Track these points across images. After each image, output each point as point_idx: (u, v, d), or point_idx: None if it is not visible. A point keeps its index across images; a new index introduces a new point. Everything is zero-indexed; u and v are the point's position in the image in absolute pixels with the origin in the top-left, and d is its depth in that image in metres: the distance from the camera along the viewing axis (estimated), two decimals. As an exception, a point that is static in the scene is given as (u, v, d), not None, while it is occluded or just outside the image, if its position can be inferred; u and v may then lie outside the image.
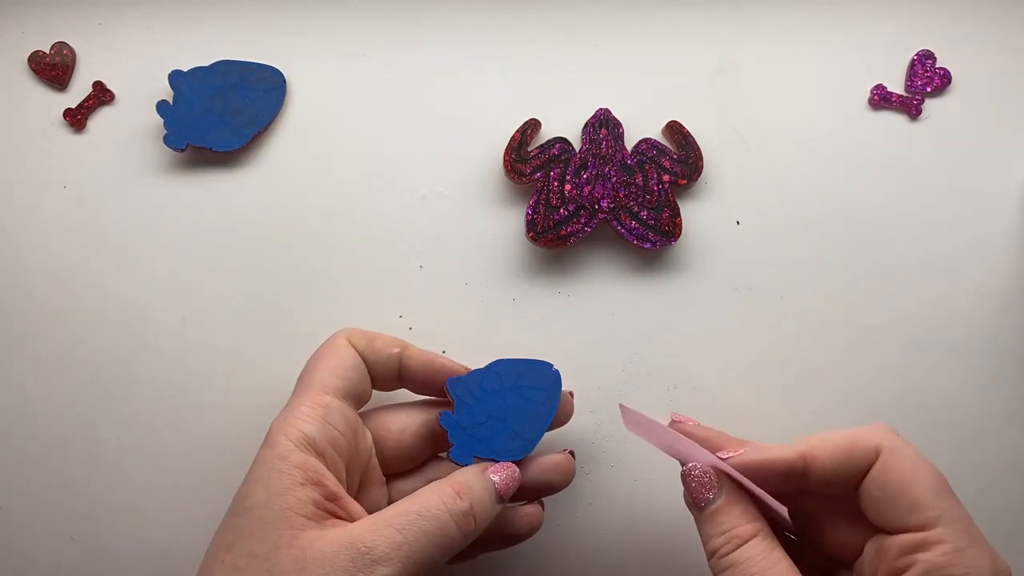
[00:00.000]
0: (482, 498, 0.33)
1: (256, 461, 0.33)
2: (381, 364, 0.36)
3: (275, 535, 0.30)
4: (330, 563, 0.30)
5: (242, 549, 0.31)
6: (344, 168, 0.43)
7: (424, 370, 0.36)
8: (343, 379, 0.35)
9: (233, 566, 0.30)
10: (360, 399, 0.36)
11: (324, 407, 0.34)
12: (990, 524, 0.41)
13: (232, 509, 0.32)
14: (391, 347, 0.36)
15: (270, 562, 0.30)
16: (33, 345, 0.42)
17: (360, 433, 0.35)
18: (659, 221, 0.40)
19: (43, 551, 0.41)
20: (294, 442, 0.32)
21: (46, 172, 0.43)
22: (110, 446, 0.41)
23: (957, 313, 0.42)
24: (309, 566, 0.30)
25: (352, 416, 0.35)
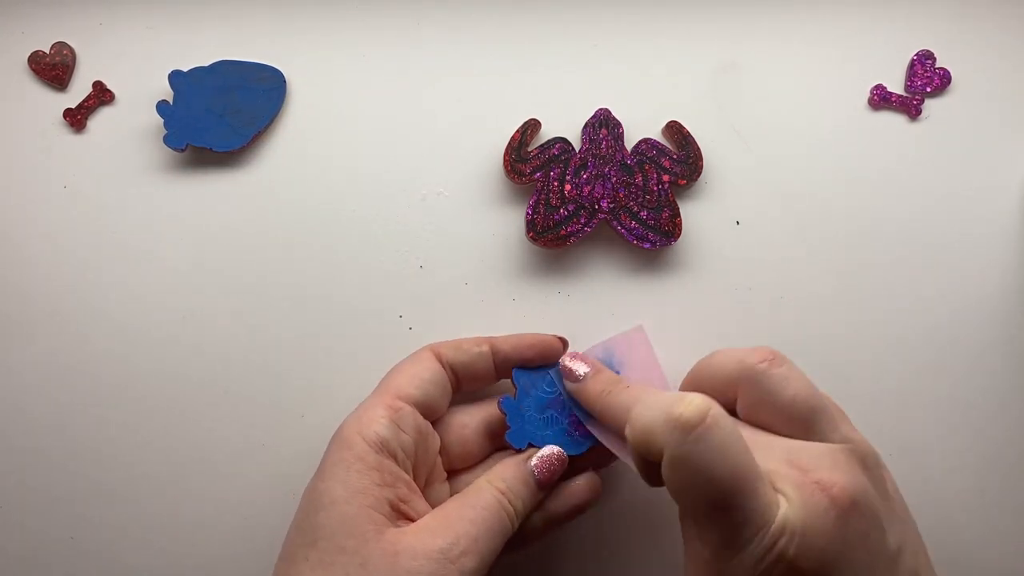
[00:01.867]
0: (519, 490, 0.35)
1: (329, 459, 0.34)
2: (473, 364, 0.38)
3: (361, 530, 0.31)
4: (422, 555, 0.31)
5: (328, 545, 0.31)
6: (344, 168, 0.43)
7: (518, 351, 0.38)
8: (418, 388, 0.36)
9: (320, 562, 0.31)
10: (433, 409, 0.37)
11: (397, 411, 0.35)
12: (990, 524, 0.41)
13: (306, 507, 0.33)
14: (478, 346, 0.38)
15: (360, 556, 0.31)
16: (33, 345, 0.42)
17: (430, 438, 0.36)
18: (659, 221, 0.40)
19: (43, 551, 0.41)
20: (369, 443, 0.33)
21: (46, 172, 0.43)
22: (110, 446, 0.41)
23: (957, 313, 0.42)
24: (401, 558, 0.31)
25: (423, 423, 0.36)
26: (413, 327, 0.42)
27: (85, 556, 0.41)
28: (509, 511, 0.34)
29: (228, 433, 0.41)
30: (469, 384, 0.38)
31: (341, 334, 0.42)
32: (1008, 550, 0.41)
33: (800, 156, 0.42)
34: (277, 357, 0.42)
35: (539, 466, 0.36)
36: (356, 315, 0.42)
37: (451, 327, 0.41)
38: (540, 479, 0.35)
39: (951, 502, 0.41)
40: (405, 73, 0.43)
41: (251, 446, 0.41)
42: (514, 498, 0.35)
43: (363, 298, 0.42)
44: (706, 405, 0.27)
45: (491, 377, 0.38)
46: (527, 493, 0.35)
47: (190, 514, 0.41)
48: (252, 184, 0.43)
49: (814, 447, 0.30)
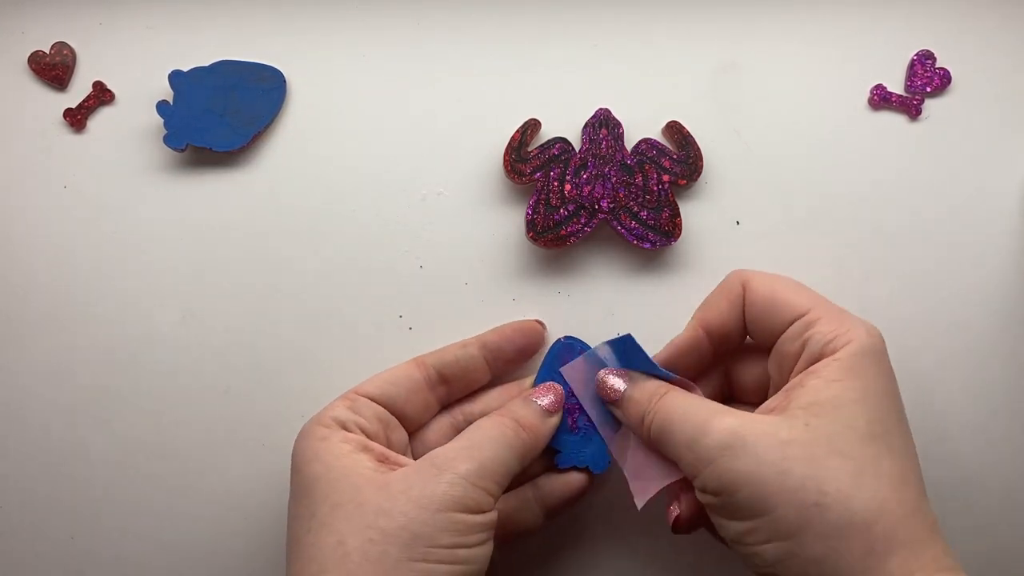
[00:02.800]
0: (526, 414, 0.36)
1: (297, 452, 0.34)
2: (458, 362, 0.38)
3: (352, 483, 0.32)
4: (413, 475, 0.32)
5: (323, 508, 0.32)
6: (344, 168, 0.43)
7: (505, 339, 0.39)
8: (377, 387, 0.37)
9: (321, 525, 0.31)
10: (396, 406, 0.37)
11: (353, 400, 0.36)
12: (990, 523, 0.41)
13: (295, 494, 0.34)
14: (464, 348, 0.39)
15: (355, 501, 0.31)
16: (33, 344, 0.42)
17: (396, 430, 0.37)
18: (659, 221, 0.40)
19: (43, 551, 0.41)
20: (328, 426, 0.34)
21: (46, 172, 0.43)
22: (110, 445, 0.41)
23: (957, 313, 0.42)
24: (393, 483, 0.31)
25: (382, 412, 0.36)
26: (413, 327, 0.42)
27: (85, 556, 0.41)
28: (514, 427, 0.34)
29: (228, 433, 0.41)
30: (462, 383, 0.39)
31: (341, 334, 0.42)
32: (1008, 549, 0.41)
33: (800, 156, 0.42)
34: (277, 357, 0.42)
35: (547, 404, 0.37)
36: (356, 315, 0.42)
37: (451, 327, 0.41)
38: (548, 408, 0.36)
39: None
40: (405, 73, 0.43)
41: (251, 446, 0.41)
42: (524, 420, 0.35)
43: (363, 298, 0.42)
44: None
45: (484, 371, 0.39)
46: (538, 417, 0.36)
47: (190, 514, 0.41)
48: (252, 184, 0.43)
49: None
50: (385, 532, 0.30)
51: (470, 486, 0.31)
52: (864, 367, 0.32)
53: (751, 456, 0.30)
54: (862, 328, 0.33)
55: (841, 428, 0.30)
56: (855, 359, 0.32)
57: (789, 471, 0.29)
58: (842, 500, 0.29)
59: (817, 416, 0.30)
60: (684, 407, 0.33)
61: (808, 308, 0.33)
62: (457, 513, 0.31)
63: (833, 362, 0.32)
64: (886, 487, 0.29)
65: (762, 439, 0.30)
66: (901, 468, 0.30)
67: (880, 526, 0.28)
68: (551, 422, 0.36)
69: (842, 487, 0.29)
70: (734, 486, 0.30)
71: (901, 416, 0.32)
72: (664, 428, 0.33)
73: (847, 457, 0.29)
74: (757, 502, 0.29)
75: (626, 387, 0.36)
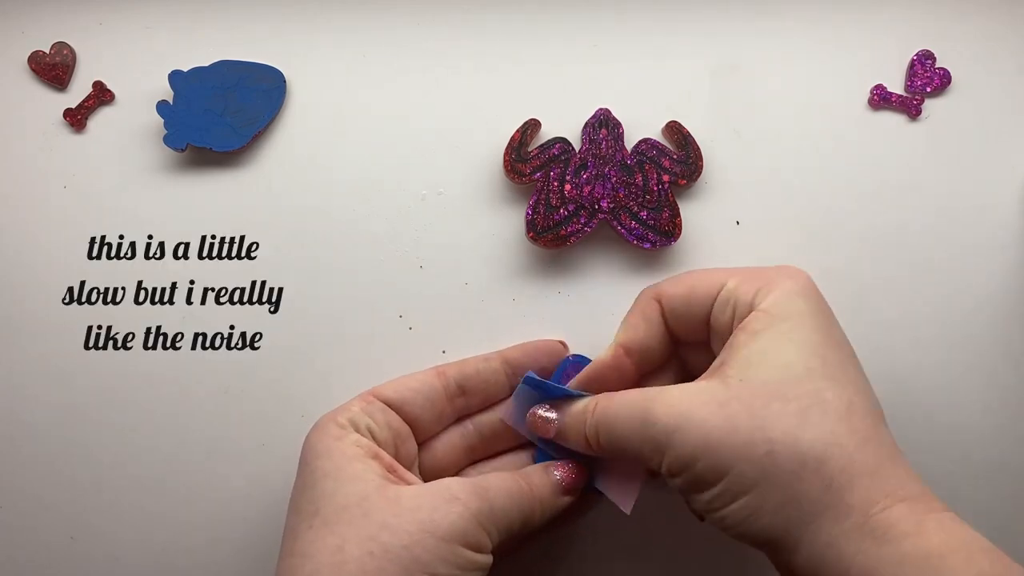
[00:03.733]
0: (542, 483, 0.35)
1: (309, 445, 0.34)
2: (479, 374, 0.38)
3: (360, 487, 0.31)
4: (426, 495, 0.31)
5: (329, 508, 0.31)
6: (344, 168, 0.43)
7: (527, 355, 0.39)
8: (395, 391, 0.36)
9: (324, 523, 0.31)
10: (411, 414, 0.37)
11: (369, 403, 0.35)
12: (990, 522, 0.41)
13: (300, 486, 0.33)
14: (486, 362, 0.38)
15: (362, 508, 0.31)
16: (33, 344, 0.42)
17: (407, 440, 0.36)
18: (659, 221, 0.40)
19: (43, 551, 0.41)
20: (343, 426, 0.34)
21: (46, 172, 0.43)
22: (110, 446, 0.41)
23: (957, 313, 0.42)
24: (403, 499, 0.31)
25: (396, 421, 0.36)
26: (413, 327, 0.42)
27: (85, 556, 0.41)
28: (526, 492, 0.34)
29: (228, 433, 0.41)
30: (481, 396, 0.38)
31: (341, 334, 0.42)
32: (1009, 548, 0.41)
33: (800, 156, 0.42)
34: (277, 357, 0.42)
35: (563, 479, 0.36)
36: (356, 315, 0.42)
37: (451, 327, 0.41)
38: (565, 485, 0.35)
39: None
40: (405, 73, 0.43)
41: (251, 446, 0.41)
42: (538, 492, 0.34)
43: (363, 298, 0.42)
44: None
45: (503, 386, 0.38)
46: (551, 493, 0.35)
47: (190, 514, 0.41)
48: (252, 184, 0.43)
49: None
50: (387, 548, 0.30)
51: (478, 524, 0.31)
52: (789, 308, 0.31)
53: (698, 427, 0.30)
54: (782, 274, 0.33)
55: (775, 372, 0.30)
56: (778, 303, 0.32)
57: (736, 428, 0.29)
58: (790, 443, 0.29)
59: (749, 367, 0.30)
60: (619, 407, 0.33)
61: (726, 279, 0.34)
62: (461, 547, 0.31)
63: (758, 313, 0.32)
64: (832, 420, 0.29)
65: (703, 407, 0.30)
66: (847, 398, 0.30)
67: (834, 461, 0.28)
68: (561, 502, 0.35)
69: (788, 429, 0.29)
70: (692, 459, 0.30)
71: (840, 346, 0.32)
72: (611, 436, 0.33)
73: (787, 399, 0.29)
74: (714, 468, 0.29)
75: (556, 416, 0.36)
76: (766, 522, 0.29)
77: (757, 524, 0.29)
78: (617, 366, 0.36)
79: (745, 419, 0.29)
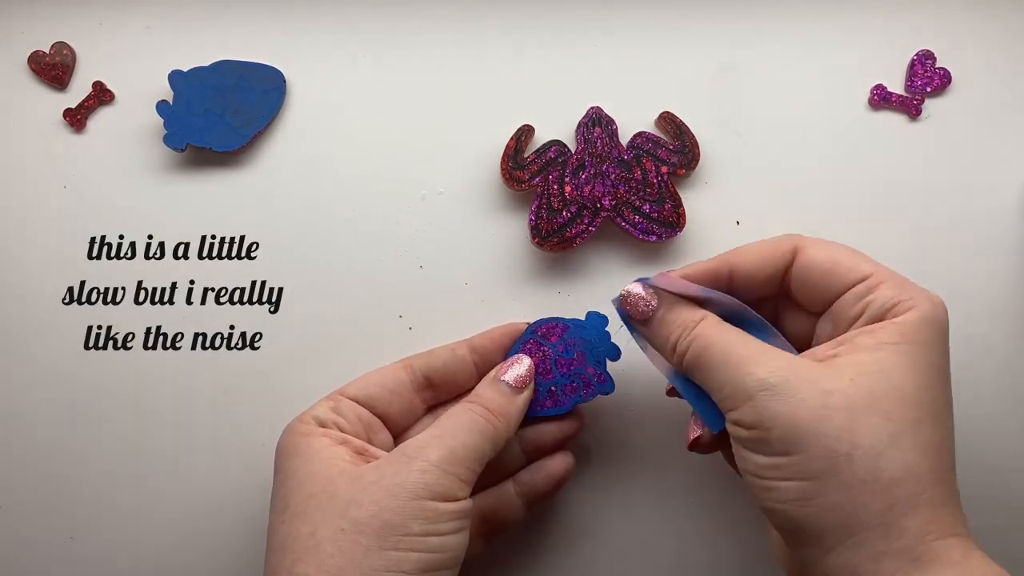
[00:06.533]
0: (494, 397, 0.35)
1: (279, 448, 0.35)
2: (446, 366, 0.38)
3: (325, 475, 0.32)
4: (385, 465, 0.32)
5: (298, 499, 0.32)
6: (344, 168, 0.43)
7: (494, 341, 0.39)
8: (361, 388, 0.37)
9: (293, 515, 0.32)
10: (380, 408, 0.37)
11: (336, 401, 0.36)
12: (989, 521, 0.41)
13: (274, 488, 0.34)
14: (452, 352, 0.38)
15: (328, 492, 0.31)
16: (32, 344, 0.42)
17: (376, 428, 0.37)
18: (662, 213, 0.40)
19: (43, 551, 0.41)
20: (309, 424, 0.35)
21: (46, 172, 0.43)
22: (110, 446, 0.41)
23: (957, 313, 0.41)
24: (365, 474, 0.32)
25: (365, 414, 0.37)
26: (413, 327, 0.42)
27: (85, 556, 0.41)
28: (482, 413, 0.34)
29: (228, 433, 0.41)
30: (449, 386, 0.38)
31: (341, 334, 0.42)
32: (1008, 547, 0.41)
33: (800, 156, 0.42)
34: (277, 357, 0.42)
35: (512, 381, 0.36)
36: (356, 315, 0.42)
37: (451, 327, 0.41)
38: (513, 384, 0.36)
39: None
40: (405, 72, 0.43)
41: (251, 446, 0.41)
42: (493, 404, 0.35)
43: (363, 298, 0.42)
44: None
45: (472, 375, 0.38)
46: (504, 398, 0.36)
47: (190, 514, 0.41)
48: (252, 184, 0.43)
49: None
50: (356, 521, 0.30)
51: (441, 473, 0.32)
52: (922, 335, 0.31)
53: (792, 399, 0.30)
54: (926, 296, 0.32)
55: (888, 389, 0.30)
56: (915, 326, 0.31)
57: (827, 419, 0.29)
58: (873, 456, 0.29)
59: (864, 374, 0.30)
60: (724, 339, 0.33)
61: (870, 272, 0.33)
62: (428, 501, 0.31)
63: (891, 325, 0.31)
64: (920, 453, 0.29)
65: (805, 385, 0.30)
66: (940, 438, 0.30)
67: (906, 488, 0.29)
68: (519, 400, 0.36)
69: (876, 444, 0.29)
70: (771, 422, 0.30)
71: (948, 391, 0.32)
72: (700, 358, 0.33)
73: (888, 418, 0.29)
74: (789, 442, 0.30)
75: (656, 305, 0.35)
76: (815, 513, 0.29)
77: (804, 511, 0.29)
78: (715, 279, 0.35)
79: (841, 416, 0.29)
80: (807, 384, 0.30)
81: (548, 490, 0.38)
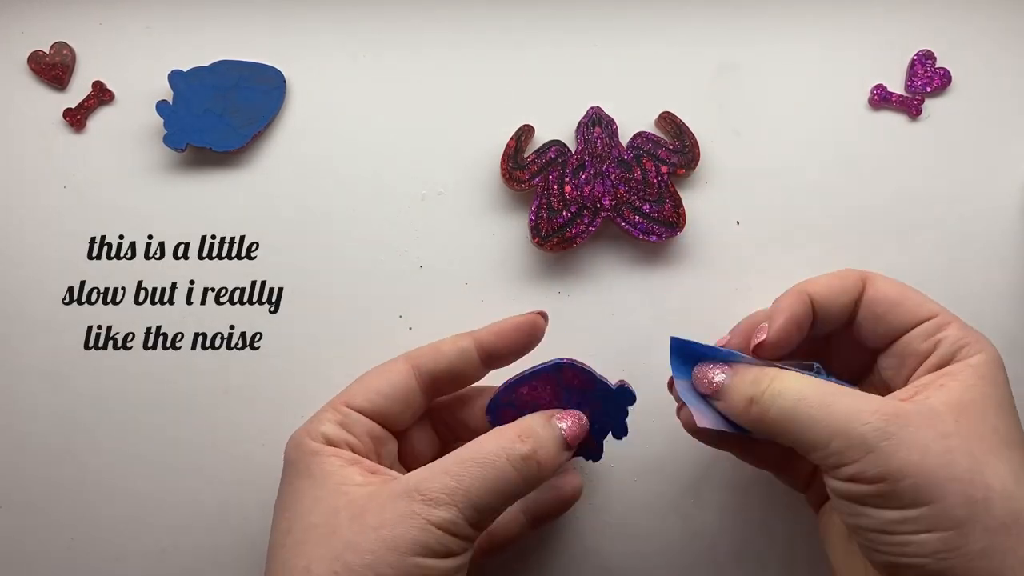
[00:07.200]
0: (547, 443, 0.33)
1: (288, 463, 0.34)
2: (453, 366, 0.36)
3: (331, 505, 0.31)
4: (389, 509, 0.30)
5: (300, 526, 0.31)
6: (344, 168, 0.43)
7: (501, 337, 0.36)
8: (368, 400, 0.35)
9: (296, 541, 0.31)
10: (387, 420, 0.36)
11: (345, 415, 0.35)
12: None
13: (279, 504, 0.33)
14: (458, 343, 0.36)
15: (330, 526, 0.31)
16: (32, 344, 0.42)
17: (384, 440, 0.36)
18: (662, 213, 0.40)
19: (43, 551, 0.41)
20: (319, 441, 0.34)
21: (46, 172, 0.43)
22: (110, 446, 0.41)
23: (957, 313, 0.41)
24: (368, 515, 0.30)
25: (375, 429, 0.35)
26: (413, 327, 0.42)
27: (85, 556, 0.41)
28: (519, 464, 0.31)
29: (228, 433, 0.41)
30: (454, 385, 0.37)
31: (341, 334, 0.42)
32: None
33: (800, 156, 0.42)
34: (277, 357, 0.42)
35: (567, 431, 0.34)
36: (356, 315, 0.42)
37: (451, 327, 0.41)
38: (568, 437, 0.33)
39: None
40: (405, 72, 0.43)
41: (251, 446, 0.41)
42: (542, 452, 0.32)
43: (363, 298, 0.42)
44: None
45: (479, 371, 0.37)
46: (555, 449, 0.33)
47: (190, 514, 0.41)
48: (252, 184, 0.43)
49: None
50: (350, 568, 0.30)
51: (443, 535, 0.30)
52: (995, 377, 0.32)
53: (917, 444, 0.29)
54: (988, 343, 0.33)
55: (988, 431, 0.30)
56: (988, 368, 0.32)
57: (954, 463, 0.28)
58: (1007, 497, 0.28)
59: (964, 416, 0.30)
60: (814, 389, 0.31)
61: (938, 312, 0.34)
62: (424, 559, 0.30)
63: (968, 367, 0.31)
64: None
65: (923, 428, 0.29)
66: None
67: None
68: (565, 456, 0.33)
69: (1006, 485, 0.29)
70: (900, 473, 0.28)
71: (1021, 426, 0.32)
72: (793, 411, 0.31)
73: (1001, 458, 0.29)
74: (923, 491, 0.28)
75: (725, 377, 0.33)
76: (961, 564, 0.28)
77: (947, 563, 0.28)
78: (799, 316, 0.34)
79: (965, 458, 0.29)
80: (925, 429, 0.29)
81: (556, 509, 0.37)
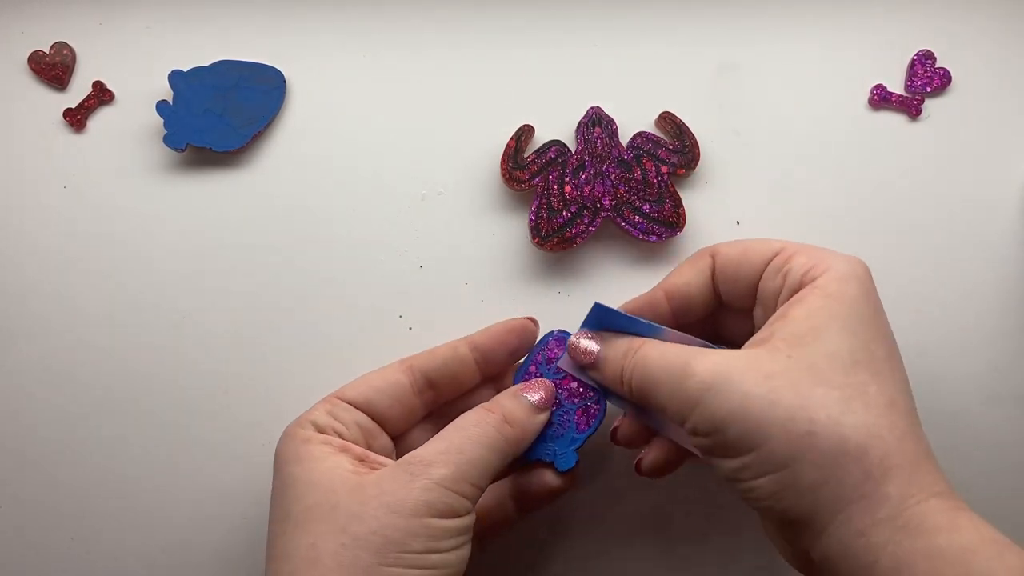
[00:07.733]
0: (514, 409, 0.35)
1: (278, 454, 0.34)
2: (447, 366, 0.37)
3: (326, 486, 0.32)
4: (388, 480, 0.31)
5: (299, 510, 0.31)
6: (344, 168, 0.43)
7: (495, 340, 0.38)
8: (360, 393, 0.36)
9: (295, 526, 0.31)
10: (379, 413, 0.36)
11: (334, 405, 0.35)
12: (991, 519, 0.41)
13: (274, 495, 0.33)
14: (452, 344, 0.38)
15: (330, 503, 0.31)
16: (33, 345, 0.42)
17: (375, 433, 0.36)
18: (662, 213, 0.40)
19: (43, 551, 0.41)
20: (307, 430, 0.34)
21: (46, 172, 0.43)
22: (109, 446, 0.41)
23: (957, 313, 0.42)
24: (367, 487, 0.31)
25: (364, 419, 0.36)
26: (413, 327, 0.42)
27: (85, 556, 0.41)
28: (498, 425, 0.34)
29: (228, 433, 0.41)
30: (451, 387, 0.38)
31: (341, 334, 0.42)
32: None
33: (800, 156, 0.42)
34: (277, 357, 0.42)
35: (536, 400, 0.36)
36: (356, 315, 0.42)
37: (451, 327, 0.41)
38: (537, 403, 0.36)
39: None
40: (405, 72, 0.43)
41: (251, 446, 0.41)
42: (511, 416, 0.34)
43: (363, 298, 0.42)
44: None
45: (474, 374, 0.38)
46: (526, 413, 0.35)
47: (190, 514, 0.41)
48: (252, 184, 0.43)
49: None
50: (356, 537, 0.30)
51: (444, 491, 0.31)
52: (845, 292, 0.31)
53: (736, 392, 0.29)
54: (841, 257, 0.32)
55: (824, 357, 0.30)
56: (836, 284, 0.31)
57: (777, 402, 0.29)
58: (833, 427, 0.28)
59: (799, 347, 0.30)
60: (661, 355, 0.33)
61: (781, 247, 0.34)
62: (430, 519, 0.30)
63: (814, 290, 0.31)
64: (875, 413, 0.29)
65: (746, 374, 0.30)
66: (889, 393, 0.30)
67: (874, 452, 0.28)
68: (539, 419, 0.36)
69: (831, 414, 0.29)
70: (724, 424, 0.30)
71: (887, 341, 0.32)
72: (644, 380, 0.33)
73: (832, 386, 0.29)
74: (747, 437, 0.29)
75: (599, 347, 0.35)
76: (796, 501, 0.29)
77: (786, 502, 0.29)
78: (653, 308, 0.36)
79: (789, 396, 0.29)
80: (748, 373, 0.30)
81: (542, 498, 0.37)
